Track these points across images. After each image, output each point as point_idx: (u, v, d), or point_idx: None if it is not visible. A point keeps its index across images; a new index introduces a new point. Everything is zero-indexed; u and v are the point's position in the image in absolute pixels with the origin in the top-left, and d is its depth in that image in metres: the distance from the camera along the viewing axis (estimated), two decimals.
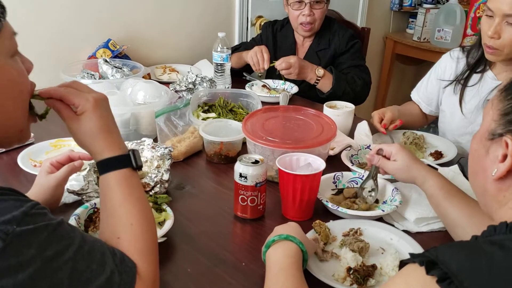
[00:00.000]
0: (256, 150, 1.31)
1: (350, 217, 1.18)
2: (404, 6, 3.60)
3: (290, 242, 0.94)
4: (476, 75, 1.63)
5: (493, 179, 0.74)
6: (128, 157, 0.85)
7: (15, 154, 1.41)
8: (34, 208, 0.66)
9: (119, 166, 0.84)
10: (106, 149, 0.84)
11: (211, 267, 1.02)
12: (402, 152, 1.18)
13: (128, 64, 2.02)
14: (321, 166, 1.19)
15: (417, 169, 1.15)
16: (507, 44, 1.44)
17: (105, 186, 0.84)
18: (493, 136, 0.74)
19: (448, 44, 3.26)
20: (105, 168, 0.84)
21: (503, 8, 1.40)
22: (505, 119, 0.73)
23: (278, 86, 2.14)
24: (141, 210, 0.84)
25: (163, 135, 1.51)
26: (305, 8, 2.08)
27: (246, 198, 1.16)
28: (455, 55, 1.71)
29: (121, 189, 0.83)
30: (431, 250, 0.65)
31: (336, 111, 1.66)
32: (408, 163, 1.16)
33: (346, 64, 2.13)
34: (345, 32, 2.17)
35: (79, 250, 0.69)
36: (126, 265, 0.76)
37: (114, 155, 0.84)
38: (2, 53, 0.71)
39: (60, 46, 2.09)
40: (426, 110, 1.85)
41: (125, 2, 2.26)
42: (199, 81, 1.84)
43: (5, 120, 0.75)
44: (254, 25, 2.74)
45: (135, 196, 0.85)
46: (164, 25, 2.43)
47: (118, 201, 0.83)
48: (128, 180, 0.85)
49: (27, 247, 0.63)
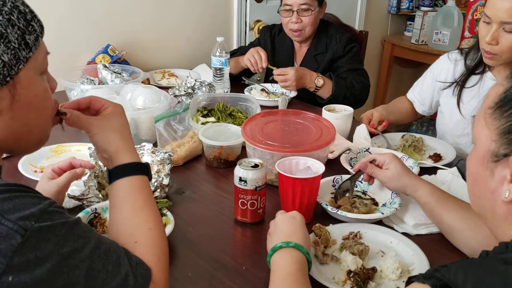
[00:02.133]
0: (256, 154, 1.32)
1: (349, 221, 1.18)
2: (402, 9, 3.62)
3: (297, 250, 0.94)
4: (475, 77, 1.63)
5: (505, 201, 0.70)
6: (147, 167, 0.91)
7: (16, 160, 1.42)
8: (51, 206, 0.68)
9: (142, 172, 0.89)
10: (130, 153, 0.89)
11: (212, 271, 1.03)
12: (394, 161, 1.19)
13: (127, 69, 2.03)
14: (320, 170, 1.19)
15: (408, 178, 1.16)
16: (505, 50, 1.45)
17: (127, 189, 0.86)
18: (497, 157, 0.71)
19: (446, 46, 3.27)
20: (129, 171, 0.87)
21: (500, 15, 1.41)
22: (508, 138, 0.69)
23: (277, 90, 2.15)
24: (157, 216, 0.87)
25: (162, 140, 1.52)
26: (293, 16, 2.10)
27: (246, 202, 1.17)
28: (453, 57, 1.72)
29: (143, 193, 0.87)
30: (442, 271, 0.63)
31: (335, 114, 1.66)
32: (400, 171, 1.17)
33: (344, 68, 2.13)
34: (342, 35, 2.18)
35: (96, 250, 0.71)
36: (141, 268, 0.77)
37: (137, 160, 0.89)
38: (35, 69, 0.75)
39: (60, 52, 2.10)
40: (419, 109, 1.87)
41: (124, 8, 2.27)
42: (198, 86, 1.85)
43: (26, 133, 0.78)
44: (253, 29, 2.75)
45: (153, 203, 0.88)
46: (163, 30, 2.44)
47: (139, 205, 0.85)
48: (148, 187, 0.89)
49: (45, 243, 0.64)
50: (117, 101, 1.53)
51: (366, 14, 3.38)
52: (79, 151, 1.51)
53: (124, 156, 0.88)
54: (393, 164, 1.19)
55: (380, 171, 1.21)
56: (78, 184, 1.24)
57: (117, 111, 0.91)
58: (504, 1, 1.41)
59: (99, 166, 1.30)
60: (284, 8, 2.12)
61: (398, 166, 1.18)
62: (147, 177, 0.90)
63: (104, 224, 1.10)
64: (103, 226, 1.10)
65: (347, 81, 2.05)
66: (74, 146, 1.53)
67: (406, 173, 1.17)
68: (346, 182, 1.28)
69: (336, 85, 2.00)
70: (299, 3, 2.07)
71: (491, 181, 0.72)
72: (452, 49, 3.28)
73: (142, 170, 0.89)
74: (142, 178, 0.88)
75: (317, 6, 2.11)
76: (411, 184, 1.15)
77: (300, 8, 2.08)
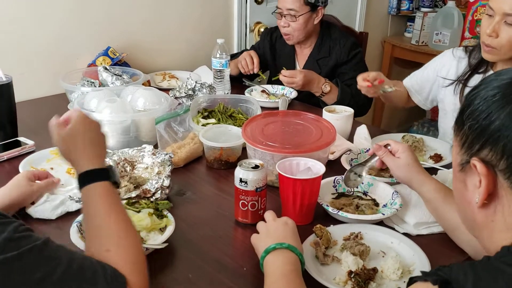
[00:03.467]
0: (256, 155, 1.32)
1: (350, 221, 1.18)
2: (402, 10, 3.61)
3: (291, 251, 0.94)
4: (478, 76, 1.63)
5: (478, 207, 0.71)
6: (108, 172, 0.90)
7: (17, 162, 1.42)
8: (17, 232, 0.66)
9: (104, 178, 0.87)
10: (88, 160, 0.88)
11: (213, 272, 1.02)
12: (407, 152, 1.19)
13: (128, 71, 2.03)
14: (321, 170, 1.19)
15: (416, 172, 1.16)
16: (504, 44, 1.45)
17: (90, 197, 0.86)
18: (462, 166, 0.73)
19: (447, 47, 3.24)
20: (90, 178, 0.87)
21: (504, 7, 1.41)
22: (465, 146, 0.72)
23: (277, 91, 2.15)
24: (126, 221, 0.86)
25: (163, 142, 1.52)
26: (281, 20, 2.10)
27: (247, 203, 1.17)
28: (457, 54, 1.71)
29: (107, 200, 0.86)
30: (444, 269, 0.64)
31: (335, 115, 1.66)
32: (410, 163, 1.17)
33: (349, 75, 2.10)
34: (346, 40, 2.15)
35: (68, 270, 0.69)
36: (116, 280, 0.76)
37: (98, 167, 0.88)
38: None
39: (60, 54, 2.10)
40: (415, 99, 1.84)
41: (124, 10, 2.27)
42: (198, 87, 1.85)
43: None
44: (253, 31, 2.75)
45: (120, 208, 0.87)
46: (163, 32, 2.44)
47: (105, 212, 0.84)
48: (112, 193, 0.88)
49: (13, 274, 0.62)
50: (117, 103, 1.53)
51: (366, 16, 3.38)
52: None
53: (82, 165, 0.88)
54: (405, 154, 1.18)
55: (392, 157, 1.20)
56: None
57: (76, 122, 0.91)
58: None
59: None
60: (277, 11, 2.13)
61: (410, 157, 1.18)
62: (110, 182, 0.88)
63: None
64: None
65: (352, 89, 2.02)
66: None
67: (416, 166, 1.17)
68: (361, 168, 1.26)
69: (342, 92, 1.99)
70: (286, 8, 2.07)
71: (466, 192, 0.74)
72: None
73: (103, 176, 0.88)
74: (103, 184, 0.87)
75: (310, 11, 2.08)
76: (419, 179, 1.15)
77: (287, 13, 2.07)
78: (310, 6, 2.08)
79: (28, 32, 1.99)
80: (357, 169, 1.27)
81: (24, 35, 1.99)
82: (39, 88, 2.08)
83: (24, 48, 2.01)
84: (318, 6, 2.11)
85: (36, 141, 1.54)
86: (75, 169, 0.90)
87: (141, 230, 1.07)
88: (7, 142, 1.54)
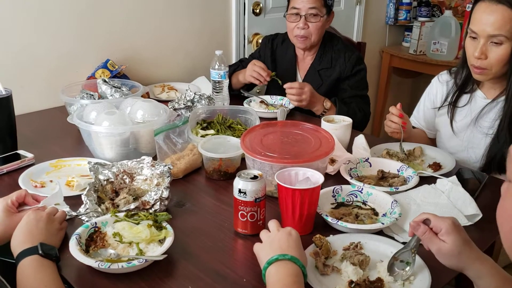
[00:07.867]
0: (255, 165, 1.32)
1: (350, 231, 1.18)
2: (399, 20, 3.64)
3: (293, 263, 0.94)
4: (466, 96, 1.68)
5: None
6: (37, 248, 1.01)
7: (16, 175, 1.42)
8: None
9: (31, 253, 1.00)
10: (22, 243, 1.02)
11: (212, 284, 1.02)
12: (455, 233, 0.96)
13: (127, 84, 2.04)
14: (319, 180, 1.19)
15: (469, 258, 0.96)
16: (494, 63, 1.47)
17: (20, 274, 0.97)
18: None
19: (444, 56, 3.29)
20: (19, 256, 0.99)
21: (487, 29, 1.44)
22: None
23: (275, 101, 2.16)
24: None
25: (162, 153, 1.52)
26: (300, 21, 2.06)
27: (246, 213, 1.16)
28: (443, 79, 1.78)
29: (33, 274, 0.96)
30: None
31: (334, 125, 1.67)
32: (460, 249, 0.95)
33: (349, 93, 2.11)
34: (352, 54, 2.13)
35: None
36: None
37: (29, 246, 1.01)
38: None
39: (59, 67, 2.11)
40: (430, 136, 1.89)
41: (123, 22, 2.29)
42: (197, 99, 1.86)
43: None
44: (251, 43, 2.77)
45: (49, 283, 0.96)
46: (162, 44, 2.46)
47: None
48: (40, 267, 0.98)
49: None
50: (116, 115, 1.54)
51: (364, 25, 3.41)
52: (79, 165, 1.51)
53: (18, 247, 1.02)
54: (452, 237, 0.96)
55: (436, 241, 0.98)
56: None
57: (27, 215, 1.09)
58: (489, 15, 1.44)
59: (99, 180, 1.30)
60: (291, 12, 2.07)
61: (457, 241, 0.95)
62: (41, 257, 1.00)
63: (104, 238, 1.10)
64: (103, 240, 1.09)
65: (349, 108, 2.03)
66: (73, 160, 1.53)
67: (468, 250, 0.96)
68: (406, 253, 1.04)
69: (339, 112, 1.97)
70: (308, 7, 2.02)
71: None
72: (451, 59, 3.32)
73: (35, 250, 1.00)
74: (34, 258, 0.99)
75: (325, 14, 2.07)
76: (474, 269, 0.95)
77: (309, 12, 2.03)
78: (327, 9, 2.08)
79: (27, 45, 2.00)
80: (402, 256, 1.04)
81: (24, 48, 2.00)
82: (39, 101, 2.09)
83: (23, 61, 2.02)
84: (331, 10, 2.11)
85: (36, 154, 1.54)
86: (13, 252, 1.03)
87: (140, 241, 1.07)
88: (7, 155, 1.54)
